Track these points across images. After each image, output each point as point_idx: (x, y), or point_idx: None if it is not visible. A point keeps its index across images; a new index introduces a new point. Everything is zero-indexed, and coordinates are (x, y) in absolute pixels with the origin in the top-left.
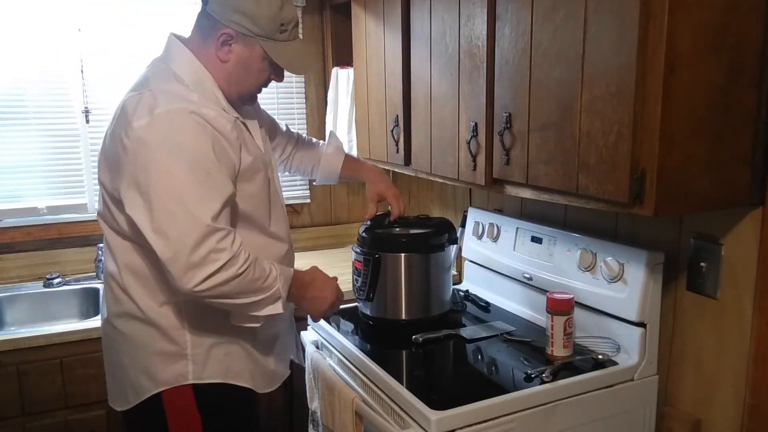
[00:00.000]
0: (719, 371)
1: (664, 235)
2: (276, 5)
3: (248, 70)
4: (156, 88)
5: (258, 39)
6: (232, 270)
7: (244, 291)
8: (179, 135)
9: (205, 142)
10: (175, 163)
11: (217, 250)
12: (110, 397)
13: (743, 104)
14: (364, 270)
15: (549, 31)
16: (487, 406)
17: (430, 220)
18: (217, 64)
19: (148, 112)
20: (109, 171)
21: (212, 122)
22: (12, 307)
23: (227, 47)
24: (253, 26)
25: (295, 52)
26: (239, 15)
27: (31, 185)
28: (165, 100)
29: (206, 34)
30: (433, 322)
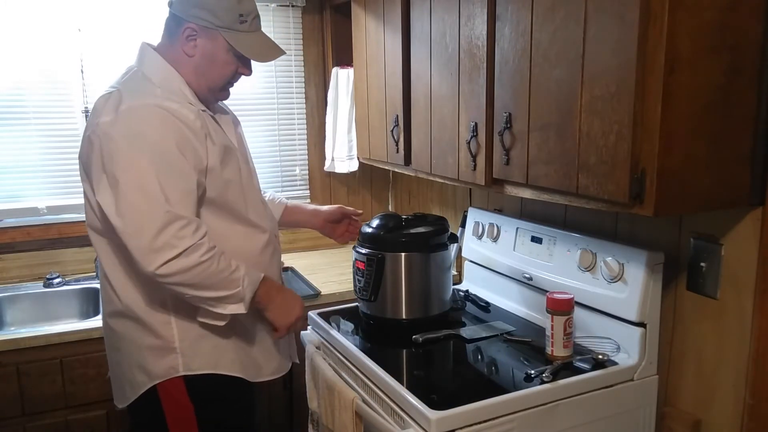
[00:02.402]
0: (719, 371)
1: (664, 235)
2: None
3: (214, 62)
4: (123, 88)
5: (220, 30)
6: (193, 257)
7: (206, 283)
8: (141, 127)
9: (167, 132)
10: (137, 154)
11: (178, 237)
12: (114, 396)
13: (743, 104)
14: (367, 270)
15: (549, 31)
16: (487, 406)
17: (426, 218)
18: (184, 60)
19: (113, 110)
20: (85, 172)
21: (175, 113)
22: (12, 307)
23: (192, 42)
24: (214, 18)
25: (258, 42)
26: (199, 9)
27: (31, 185)
28: (129, 97)
29: (172, 33)
30: (433, 321)
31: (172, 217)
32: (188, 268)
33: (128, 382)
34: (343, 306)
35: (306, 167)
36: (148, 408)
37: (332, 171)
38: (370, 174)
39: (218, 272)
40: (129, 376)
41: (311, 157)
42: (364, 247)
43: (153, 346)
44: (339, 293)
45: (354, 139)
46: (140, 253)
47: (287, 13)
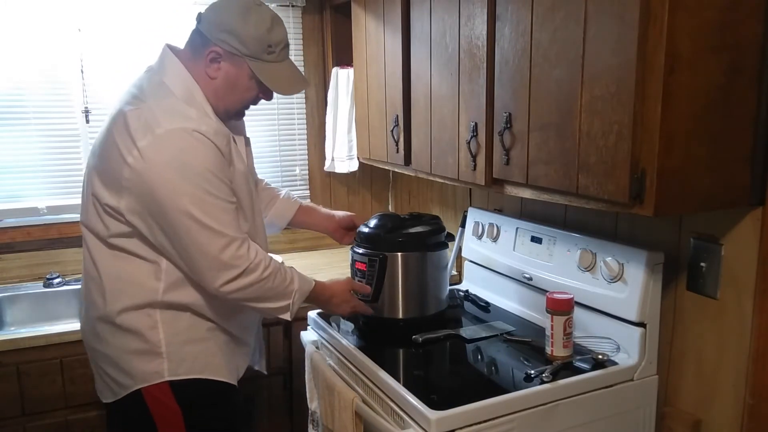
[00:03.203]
0: (719, 371)
1: (664, 235)
2: (264, 26)
3: (236, 87)
4: (153, 104)
5: (246, 59)
6: (253, 276)
7: (263, 297)
8: (183, 155)
9: (208, 158)
10: (184, 183)
11: (237, 256)
12: (97, 389)
13: (743, 104)
14: (369, 271)
15: (549, 31)
16: (487, 406)
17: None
18: (206, 80)
19: (149, 131)
20: (106, 187)
21: (212, 138)
22: (12, 307)
23: (216, 64)
24: (241, 46)
25: (283, 73)
26: (227, 34)
27: (31, 185)
28: (165, 119)
29: (197, 50)
30: (430, 321)
31: (227, 239)
32: (248, 285)
33: (112, 380)
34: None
35: (306, 167)
36: (134, 408)
37: (332, 171)
38: (370, 174)
39: (274, 287)
40: (113, 376)
41: (311, 157)
42: (361, 248)
43: (138, 350)
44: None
45: (354, 139)
46: (203, 274)
47: (287, 13)
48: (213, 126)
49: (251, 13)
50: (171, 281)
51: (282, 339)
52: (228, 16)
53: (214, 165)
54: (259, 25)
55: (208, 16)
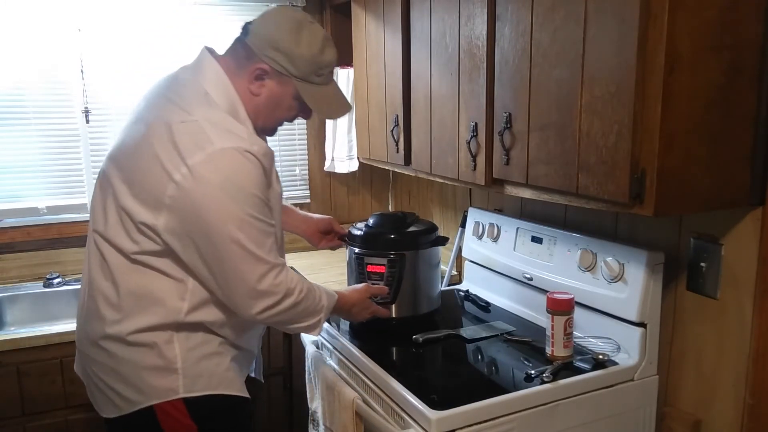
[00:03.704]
0: (719, 371)
1: (664, 235)
2: (316, 47)
3: (278, 106)
4: (202, 117)
5: (293, 79)
6: (288, 301)
7: (296, 318)
8: (236, 176)
9: (256, 180)
10: (235, 206)
11: (275, 284)
12: (94, 404)
13: (743, 104)
14: (388, 272)
15: (549, 31)
16: (487, 406)
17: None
18: (248, 95)
19: (200, 148)
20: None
21: (261, 159)
22: (12, 307)
23: (260, 82)
24: (291, 66)
25: (328, 97)
26: (277, 53)
27: (31, 185)
28: (217, 136)
29: (241, 63)
30: (423, 319)
31: (269, 266)
32: (284, 311)
33: (117, 396)
34: None
35: (306, 167)
36: (143, 424)
37: (332, 171)
38: (370, 174)
39: (307, 308)
40: (119, 391)
41: (311, 157)
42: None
43: (153, 367)
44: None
45: (354, 139)
46: (239, 300)
47: None
48: (263, 146)
49: (304, 32)
50: (196, 301)
51: (282, 339)
52: (279, 33)
53: (260, 187)
54: (312, 45)
55: (258, 29)
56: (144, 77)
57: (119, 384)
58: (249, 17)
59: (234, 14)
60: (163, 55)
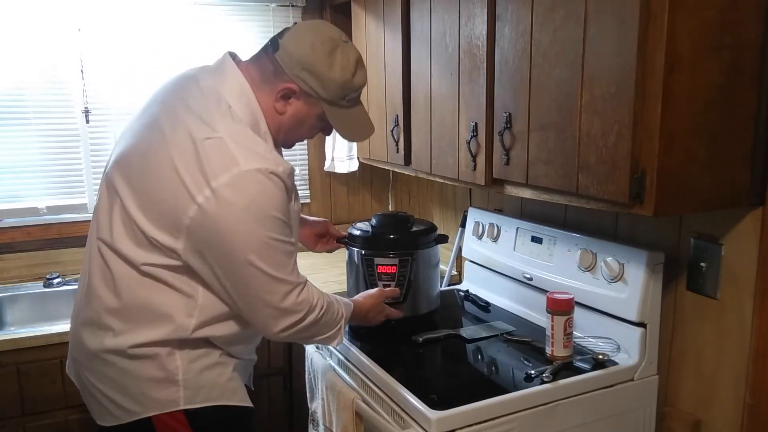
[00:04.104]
0: (719, 371)
1: (664, 235)
2: (349, 72)
3: (302, 125)
4: (226, 134)
5: (322, 102)
6: (309, 318)
7: (317, 333)
8: (261, 200)
9: (279, 202)
10: (258, 228)
11: (297, 303)
12: (89, 409)
13: (743, 104)
14: (399, 272)
15: (549, 31)
16: (487, 406)
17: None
18: (272, 111)
19: (226, 169)
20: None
21: (285, 181)
22: (12, 307)
23: (287, 101)
24: (321, 90)
25: (355, 119)
26: (308, 74)
27: (31, 185)
28: (242, 156)
29: (268, 78)
30: (422, 319)
31: (291, 286)
32: (305, 328)
33: (114, 405)
34: None
35: (306, 167)
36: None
37: (332, 171)
38: (370, 174)
39: (326, 322)
40: (116, 401)
41: (311, 157)
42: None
43: (154, 378)
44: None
45: None
46: (262, 323)
47: (287, 13)
48: (287, 166)
49: (338, 54)
50: (204, 318)
51: None
52: (313, 54)
53: (283, 209)
54: (345, 69)
55: (289, 47)
56: (144, 77)
57: (117, 394)
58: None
59: (234, 14)
60: (163, 55)
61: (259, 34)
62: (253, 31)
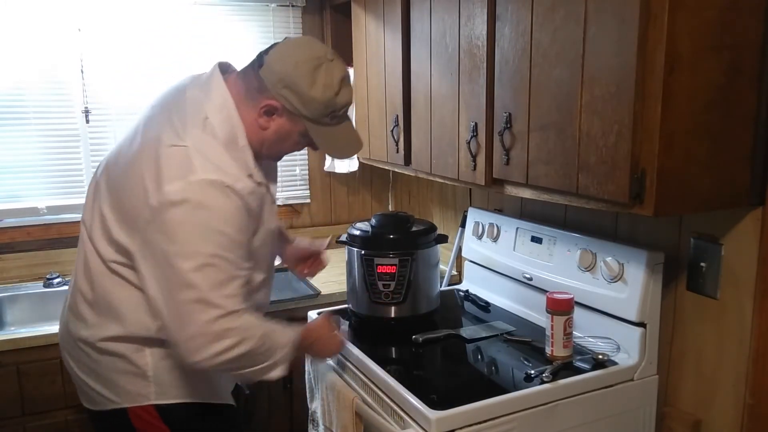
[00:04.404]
0: (719, 371)
1: (664, 235)
2: (332, 90)
3: (285, 141)
4: (192, 144)
5: (304, 120)
6: (240, 349)
7: (250, 365)
8: (210, 213)
9: (234, 219)
10: (201, 245)
11: (228, 329)
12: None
13: (743, 104)
14: (399, 272)
15: (549, 31)
16: (487, 406)
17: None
18: (255, 127)
19: (182, 177)
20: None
21: (245, 198)
22: (12, 307)
23: (270, 117)
24: (303, 108)
25: (339, 137)
26: (290, 92)
27: (31, 185)
28: (202, 166)
29: (252, 94)
30: (422, 319)
31: (223, 313)
32: (234, 359)
33: (95, 392)
34: (343, 306)
35: (306, 167)
36: (118, 423)
37: (332, 171)
38: (370, 174)
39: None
40: (95, 389)
41: (311, 157)
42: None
43: (125, 371)
44: (339, 293)
45: None
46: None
47: (287, 13)
48: (248, 185)
49: (321, 73)
50: None
51: None
52: (295, 72)
53: (237, 227)
54: (328, 88)
55: (273, 64)
56: (144, 77)
57: (96, 383)
58: (249, 17)
59: (234, 14)
60: (163, 55)
61: (259, 34)
62: (253, 31)
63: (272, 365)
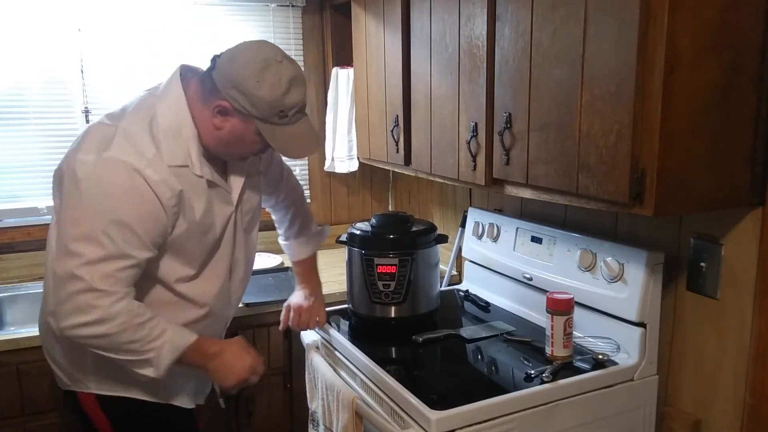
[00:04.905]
0: (719, 371)
1: (664, 235)
2: (279, 91)
3: (241, 141)
4: (123, 127)
5: (254, 120)
6: (98, 329)
7: (114, 350)
8: (108, 191)
9: (132, 205)
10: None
11: (91, 306)
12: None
13: (743, 104)
14: (399, 272)
15: (549, 31)
16: (487, 406)
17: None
18: (210, 128)
19: (96, 150)
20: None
21: (153, 186)
22: (12, 307)
23: (223, 117)
24: (251, 107)
25: (293, 136)
26: (237, 92)
27: (31, 185)
28: (118, 146)
29: (206, 95)
30: (422, 319)
31: (88, 287)
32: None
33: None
34: (343, 306)
35: (306, 167)
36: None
37: (332, 171)
38: (370, 174)
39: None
40: (54, 369)
41: (311, 157)
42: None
43: (70, 357)
44: (339, 293)
45: (354, 139)
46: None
47: (287, 13)
48: (162, 175)
49: (268, 73)
50: None
51: (282, 339)
52: (242, 73)
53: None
54: (274, 88)
55: (223, 66)
56: (144, 77)
57: (53, 363)
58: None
59: (234, 14)
60: (163, 55)
61: (259, 34)
62: (253, 31)
63: (143, 361)
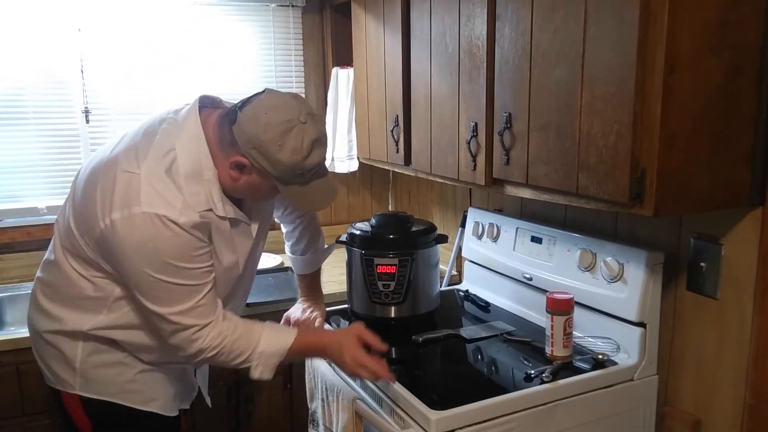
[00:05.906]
0: (719, 371)
1: (664, 235)
2: (300, 155)
3: (258, 192)
4: (145, 174)
5: (274, 179)
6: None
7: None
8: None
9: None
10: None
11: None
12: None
13: (743, 104)
14: (399, 272)
15: (549, 31)
16: (487, 406)
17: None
18: (227, 176)
19: (127, 207)
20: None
21: (190, 231)
22: (12, 307)
23: (240, 171)
24: (271, 168)
25: (309, 195)
26: (258, 153)
27: (31, 185)
28: (147, 198)
29: (225, 146)
30: (422, 319)
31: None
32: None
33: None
34: (343, 306)
35: None
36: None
37: (332, 171)
38: (370, 174)
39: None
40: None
41: None
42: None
43: (58, 357)
44: (339, 293)
45: (354, 139)
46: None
47: (287, 13)
48: (192, 219)
49: (291, 137)
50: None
51: None
52: (264, 136)
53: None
54: (296, 152)
55: (244, 124)
56: (144, 77)
57: (41, 361)
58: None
59: (234, 14)
60: (163, 55)
61: (259, 34)
62: (253, 31)
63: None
